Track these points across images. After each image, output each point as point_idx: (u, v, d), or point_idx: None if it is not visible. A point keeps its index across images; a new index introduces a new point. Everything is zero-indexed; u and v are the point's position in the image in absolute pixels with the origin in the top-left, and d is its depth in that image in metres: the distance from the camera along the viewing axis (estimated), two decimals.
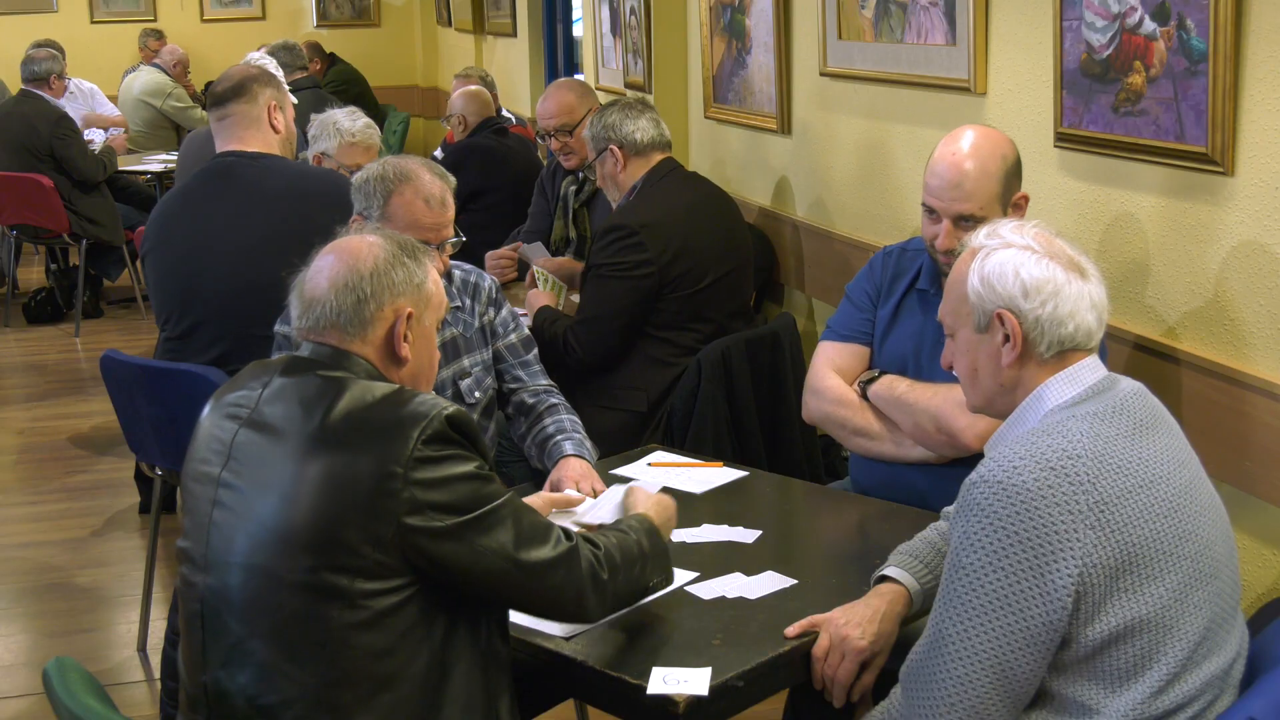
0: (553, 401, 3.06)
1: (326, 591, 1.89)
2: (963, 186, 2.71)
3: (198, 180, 3.75)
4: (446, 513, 1.92)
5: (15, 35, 10.32)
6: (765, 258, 4.60)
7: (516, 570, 1.97)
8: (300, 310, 2.10)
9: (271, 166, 3.69)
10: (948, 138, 2.78)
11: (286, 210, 3.57)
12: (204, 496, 2.02)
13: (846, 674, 2.12)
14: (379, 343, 2.08)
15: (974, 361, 2.06)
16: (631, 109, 3.97)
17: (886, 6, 3.74)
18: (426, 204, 2.84)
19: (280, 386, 2.04)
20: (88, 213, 7.54)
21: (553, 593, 2.01)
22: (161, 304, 3.71)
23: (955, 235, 2.72)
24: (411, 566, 1.92)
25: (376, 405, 1.97)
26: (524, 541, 1.98)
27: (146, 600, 3.99)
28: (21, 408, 6.41)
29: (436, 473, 1.92)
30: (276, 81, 3.81)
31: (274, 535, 1.92)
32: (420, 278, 2.13)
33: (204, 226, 3.61)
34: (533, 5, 8.22)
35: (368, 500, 1.89)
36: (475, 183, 5.44)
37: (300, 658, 1.90)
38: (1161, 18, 2.66)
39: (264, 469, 1.97)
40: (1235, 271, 2.59)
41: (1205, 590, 1.91)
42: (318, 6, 11.73)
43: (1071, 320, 1.99)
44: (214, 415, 2.09)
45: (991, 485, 1.86)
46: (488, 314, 3.05)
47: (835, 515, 2.79)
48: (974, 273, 2.03)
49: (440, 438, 1.93)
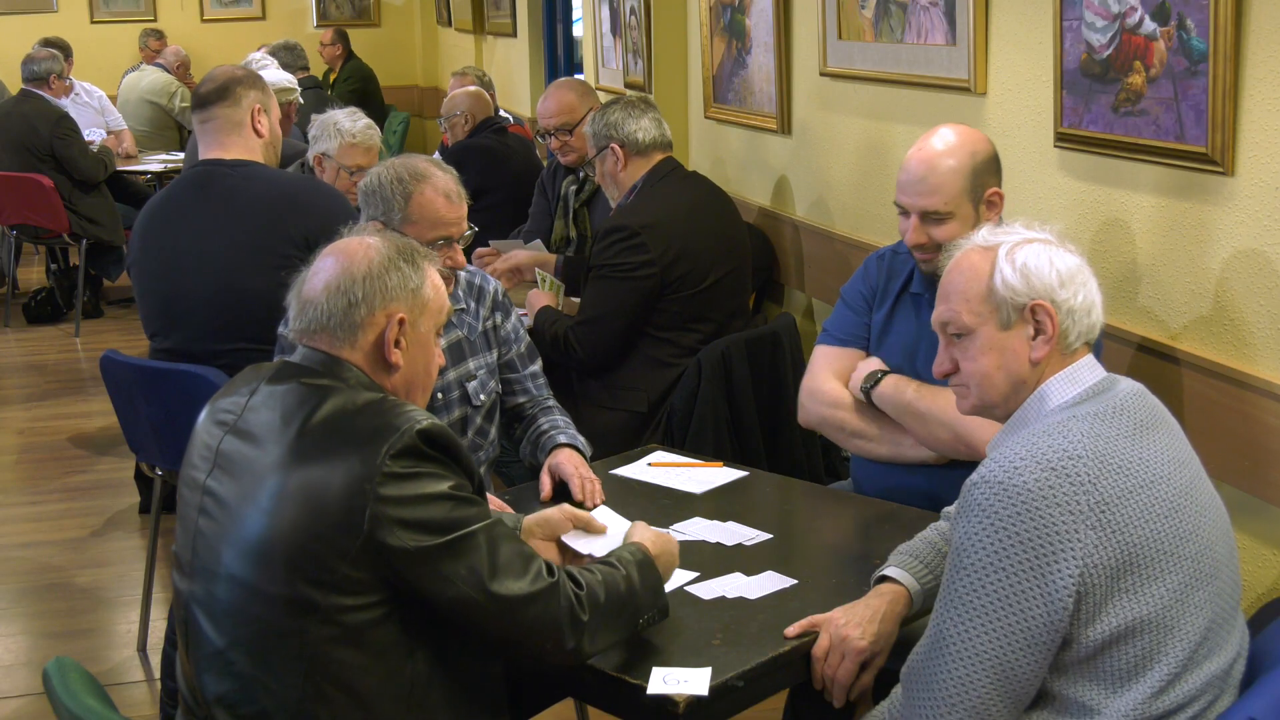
0: (549, 405, 3.08)
1: (303, 605, 1.86)
2: (927, 181, 2.72)
3: (177, 189, 3.73)
4: (416, 531, 1.86)
5: (15, 35, 10.33)
6: (765, 258, 4.60)
7: (488, 601, 1.89)
8: (296, 311, 2.07)
9: (250, 174, 3.65)
10: (922, 136, 2.80)
11: (264, 220, 3.54)
12: (192, 503, 2.01)
13: (846, 674, 2.12)
14: (369, 348, 2.03)
15: (998, 360, 2.01)
16: (634, 108, 3.97)
17: (886, 6, 3.74)
18: (447, 199, 2.84)
19: (266, 394, 2.01)
20: (88, 212, 7.54)
21: (526, 629, 1.92)
22: (147, 316, 3.70)
23: (923, 231, 2.73)
24: (386, 583, 1.88)
25: (355, 416, 1.93)
26: (498, 572, 1.89)
27: (146, 600, 3.99)
28: (21, 408, 6.41)
29: (405, 490, 1.86)
30: (262, 84, 3.77)
31: (253, 547, 1.90)
32: (416, 282, 2.07)
33: (183, 236, 3.59)
34: (533, 5, 8.21)
35: (338, 514, 1.85)
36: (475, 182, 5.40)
37: (278, 670, 1.88)
38: (1161, 18, 2.66)
39: (246, 478, 1.95)
40: (1235, 272, 2.59)
41: (1206, 590, 1.91)
42: (318, 6, 11.74)
43: (1093, 310, 2.01)
44: (206, 420, 2.07)
45: (992, 486, 1.86)
46: (493, 318, 3.05)
47: (835, 515, 2.79)
48: (1003, 267, 2.01)
49: (411, 452, 1.88)
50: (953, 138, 2.75)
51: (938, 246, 2.70)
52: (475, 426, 2.96)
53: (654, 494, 2.79)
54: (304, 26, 11.65)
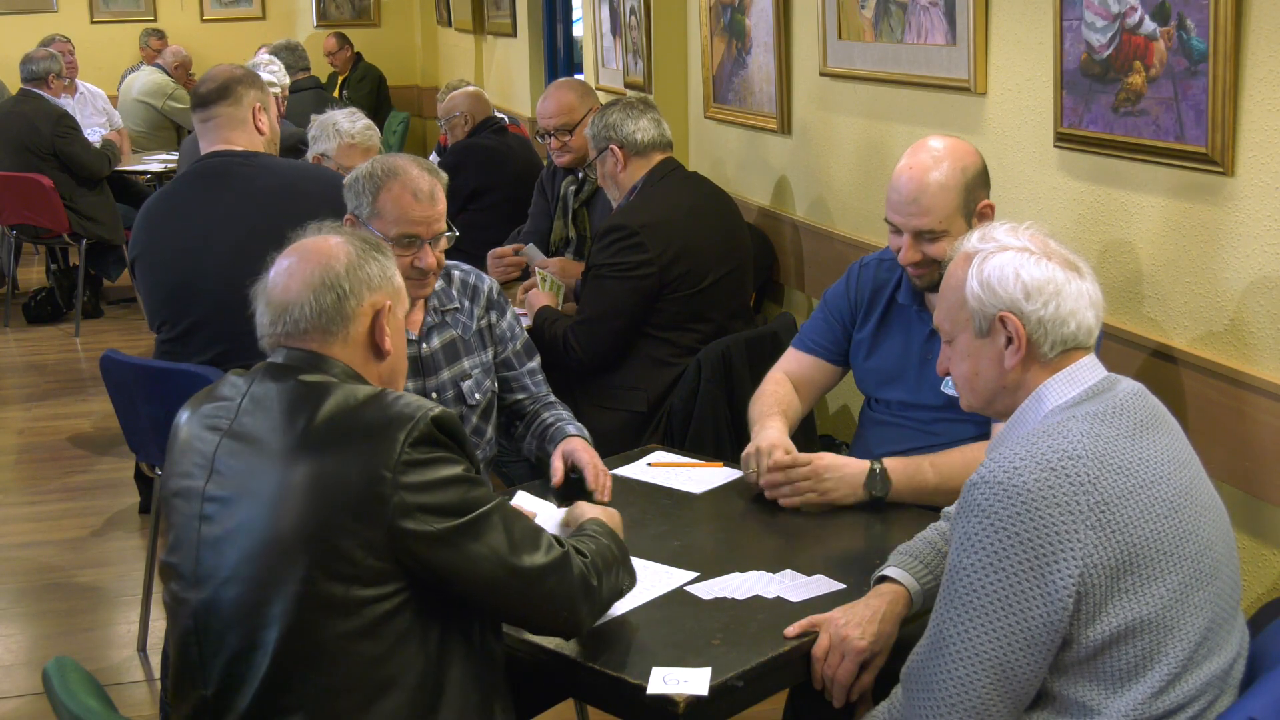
0: (549, 400, 3.09)
1: (324, 601, 1.87)
2: (920, 202, 2.71)
3: (186, 182, 3.74)
4: (437, 515, 1.90)
5: (15, 35, 10.33)
6: (765, 258, 4.60)
7: (511, 576, 1.95)
8: (272, 317, 2.06)
9: (266, 165, 3.68)
10: (909, 151, 2.78)
11: (283, 208, 3.55)
12: (189, 512, 2.00)
13: (846, 674, 2.12)
14: (361, 338, 2.07)
15: (975, 366, 2.05)
16: (633, 108, 3.97)
17: (886, 6, 3.74)
18: (415, 198, 2.83)
19: (259, 395, 2.01)
20: (88, 212, 7.54)
21: (546, 600, 1.99)
22: (156, 307, 3.69)
23: (917, 249, 2.73)
24: (405, 571, 1.90)
25: (361, 408, 1.95)
26: (517, 546, 1.96)
27: (146, 600, 3.99)
28: (21, 408, 6.41)
29: (424, 475, 1.90)
30: (260, 83, 3.81)
31: (264, 545, 1.90)
32: (390, 271, 2.14)
33: (198, 226, 3.59)
34: (533, 5, 8.21)
35: (358, 505, 1.88)
36: (475, 182, 5.45)
37: (300, 668, 1.89)
38: (1161, 18, 2.66)
39: (249, 479, 1.95)
40: (1235, 272, 2.59)
41: (1206, 591, 1.91)
42: (318, 6, 11.74)
43: (1073, 319, 1.99)
44: (192, 426, 2.07)
45: (992, 486, 1.86)
46: (487, 317, 3.05)
47: (835, 515, 2.78)
48: (972, 277, 2.02)
49: (427, 439, 1.92)
50: (943, 154, 2.72)
51: (933, 263, 2.71)
52: (471, 425, 2.96)
53: (654, 494, 2.79)
54: (304, 26, 11.67)
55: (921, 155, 2.74)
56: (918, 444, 2.79)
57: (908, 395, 2.87)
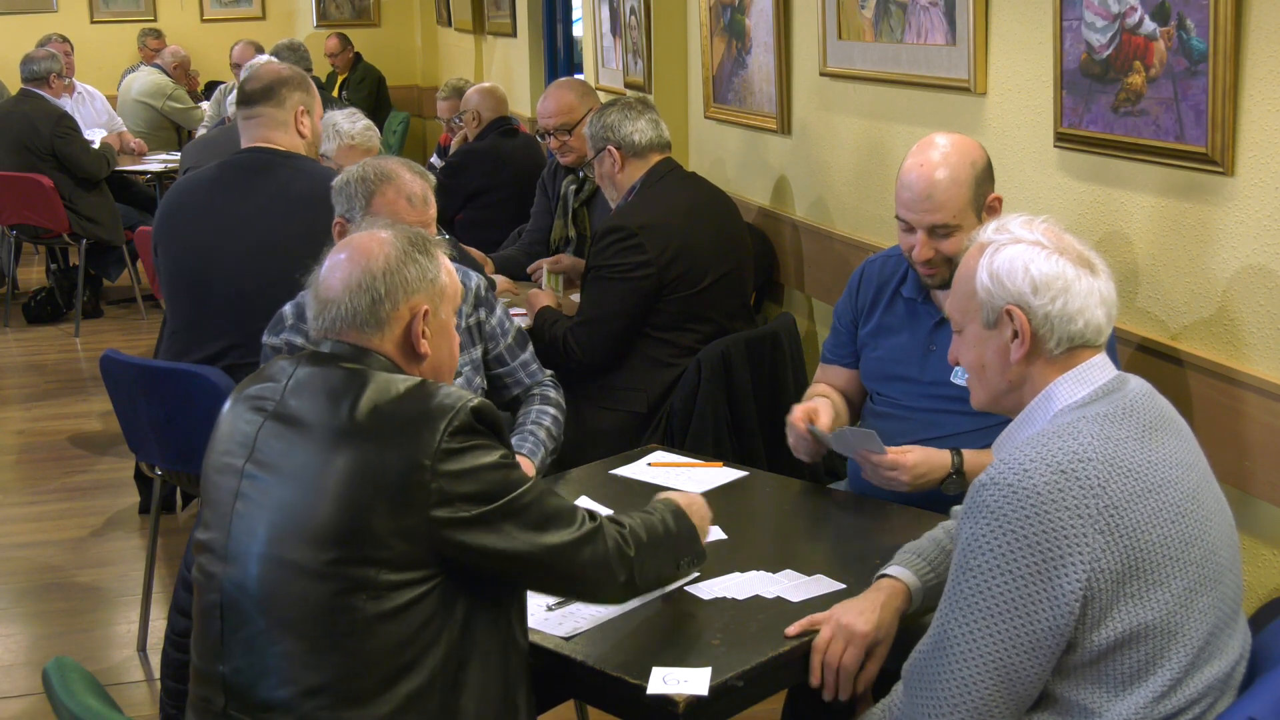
0: (534, 393, 3.10)
1: (353, 583, 1.90)
2: (934, 198, 2.72)
3: (226, 169, 3.74)
4: (474, 503, 1.94)
5: (15, 35, 10.33)
6: (765, 258, 4.60)
7: (545, 554, 2.00)
8: (316, 310, 2.12)
9: (303, 169, 3.70)
10: (916, 148, 2.79)
11: (312, 215, 3.55)
12: (226, 488, 2.03)
13: (852, 659, 2.11)
14: (397, 340, 2.10)
15: (981, 357, 2.05)
16: (631, 109, 3.97)
17: (886, 6, 3.74)
18: (409, 202, 2.84)
19: (304, 378, 2.05)
20: (88, 212, 7.54)
21: (580, 571, 2.05)
22: (172, 290, 3.69)
23: (931, 245, 2.74)
24: (439, 557, 1.94)
25: (402, 398, 1.98)
26: (550, 524, 2.01)
27: (146, 600, 3.99)
28: (21, 408, 6.41)
29: (463, 464, 1.94)
30: (307, 85, 3.82)
31: (297, 526, 1.93)
32: (433, 272, 2.14)
33: (226, 218, 3.60)
34: (533, 5, 8.21)
35: (396, 493, 1.91)
36: (477, 182, 5.45)
37: (323, 648, 1.92)
38: (1161, 18, 2.66)
39: (289, 460, 1.98)
40: (1235, 272, 2.59)
41: (1210, 595, 1.91)
42: (318, 6, 11.73)
43: (1081, 317, 1.98)
44: (237, 408, 2.10)
45: (1002, 488, 1.85)
46: (475, 314, 3.05)
47: (835, 515, 2.79)
48: (983, 268, 2.02)
49: (466, 429, 1.95)
50: (950, 149, 2.74)
51: (946, 260, 2.71)
52: None
53: (654, 494, 2.77)
54: (304, 26, 11.65)
55: (930, 152, 2.75)
56: (919, 436, 2.79)
57: (910, 387, 2.87)
